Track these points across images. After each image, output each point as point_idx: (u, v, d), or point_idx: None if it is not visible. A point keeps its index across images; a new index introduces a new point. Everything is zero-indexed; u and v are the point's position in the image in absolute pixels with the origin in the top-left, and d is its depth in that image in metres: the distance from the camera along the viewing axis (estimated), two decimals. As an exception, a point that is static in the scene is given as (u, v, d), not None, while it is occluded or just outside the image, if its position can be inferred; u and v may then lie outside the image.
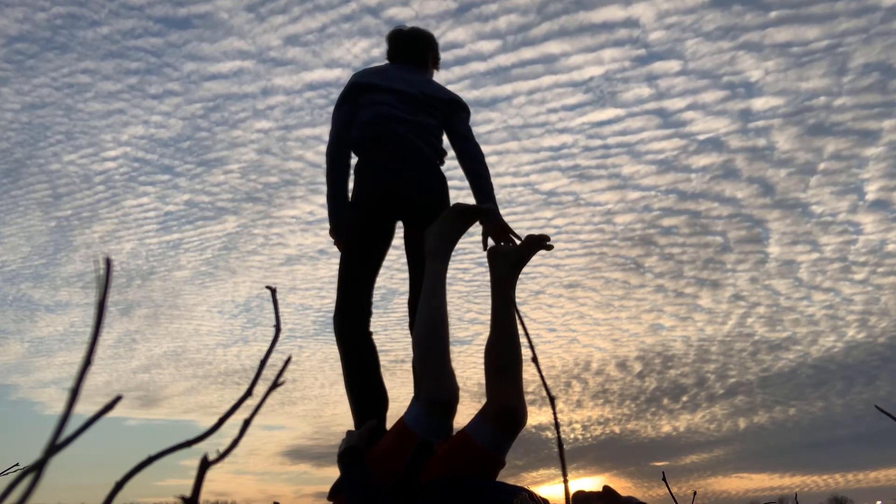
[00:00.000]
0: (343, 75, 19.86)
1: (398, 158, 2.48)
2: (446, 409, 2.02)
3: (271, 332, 0.76)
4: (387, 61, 2.81)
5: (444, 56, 2.90)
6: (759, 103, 20.03)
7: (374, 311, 2.50)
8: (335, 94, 2.77)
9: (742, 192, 21.25)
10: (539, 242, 2.23)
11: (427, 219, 2.42)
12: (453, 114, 2.63)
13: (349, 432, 2.22)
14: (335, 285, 2.50)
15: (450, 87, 2.75)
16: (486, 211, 2.33)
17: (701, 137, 20.29)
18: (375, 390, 2.39)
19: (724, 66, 19.13)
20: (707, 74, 19.49)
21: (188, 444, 0.60)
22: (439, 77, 2.90)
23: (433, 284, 2.20)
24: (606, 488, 1.92)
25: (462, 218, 2.27)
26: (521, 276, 2.22)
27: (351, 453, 2.05)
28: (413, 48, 2.76)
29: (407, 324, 2.53)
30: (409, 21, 19.23)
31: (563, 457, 0.73)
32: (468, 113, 2.68)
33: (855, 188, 20.64)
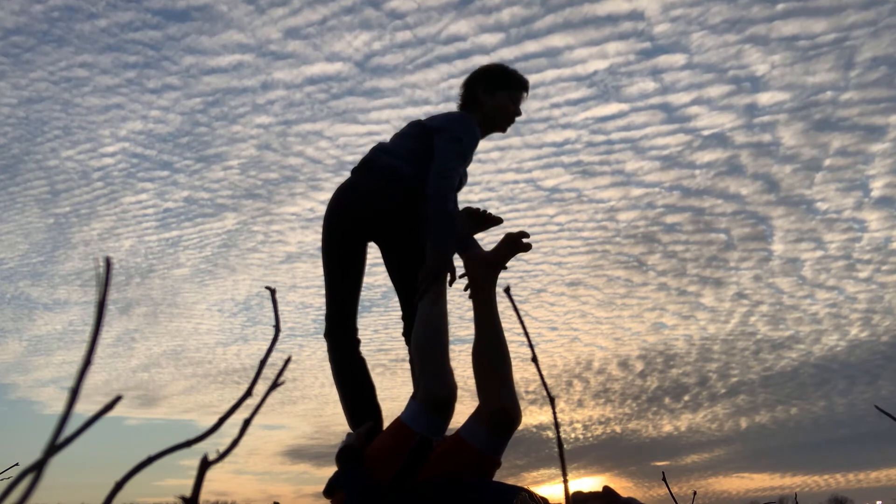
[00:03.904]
0: (344, 69, 19.73)
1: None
2: (444, 405, 2.01)
3: (271, 331, 0.76)
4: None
5: (446, 50, 2.75)
6: (764, 98, 19.90)
7: (374, 309, 2.56)
8: (336, 87, 2.80)
9: (746, 188, 21.12)
10: (516, 243, 2.19)
11: (395, 235, 2.45)
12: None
13: (348, 433, 2.23)
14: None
15: (452, 82, 2.66)
16: (491, 218, 2.38)
17: (706, 133, 20.17)
18: (370, 399, 2.41)
19: (730, 60, 18.99)
20: (712, 68, 19.34)
21: (188, 444, 0.60)
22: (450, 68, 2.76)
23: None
24: (606, 488, 1.91)
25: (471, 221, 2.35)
26: (522, 274, 2.24)
27: (349, 452, 2.05)
28: (464, 98, 2.67)
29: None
30: (410, 13, 19.07)
31: (563, 456, 0.73)
32: (439, 132, 2.41)
33: (860, 185, 20.51)
